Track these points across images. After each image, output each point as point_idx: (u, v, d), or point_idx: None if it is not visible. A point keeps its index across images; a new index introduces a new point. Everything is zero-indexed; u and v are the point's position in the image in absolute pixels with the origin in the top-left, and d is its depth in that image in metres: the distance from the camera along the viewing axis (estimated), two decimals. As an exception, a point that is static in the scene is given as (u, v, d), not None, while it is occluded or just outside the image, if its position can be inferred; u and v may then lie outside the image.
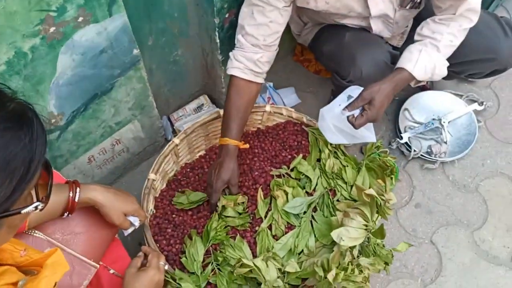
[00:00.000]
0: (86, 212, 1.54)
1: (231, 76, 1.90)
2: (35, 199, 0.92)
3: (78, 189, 1.43)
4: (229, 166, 1.91)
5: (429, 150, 2.47)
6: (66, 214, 1.44)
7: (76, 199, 1.42)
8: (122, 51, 1.67)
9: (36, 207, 0.91)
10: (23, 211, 0.89)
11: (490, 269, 2.29)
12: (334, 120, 1.87)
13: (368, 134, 1.90)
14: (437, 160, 2.46)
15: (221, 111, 2.10)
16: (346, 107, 1.80)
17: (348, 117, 1.80)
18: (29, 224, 1.34)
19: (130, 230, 1.65)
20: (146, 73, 1.87)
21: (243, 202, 1.97)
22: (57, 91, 1.55)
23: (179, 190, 2.09)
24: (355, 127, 1.80)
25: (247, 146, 2.01)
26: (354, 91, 1.86)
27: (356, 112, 1.81)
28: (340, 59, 2.07)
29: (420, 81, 1.91)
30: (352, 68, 1.99)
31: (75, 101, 1.69)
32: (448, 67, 2.17)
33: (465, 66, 2.17)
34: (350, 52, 2.01)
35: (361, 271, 1.67)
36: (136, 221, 1.63)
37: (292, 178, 2.05)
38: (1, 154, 0.80)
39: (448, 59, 2.07)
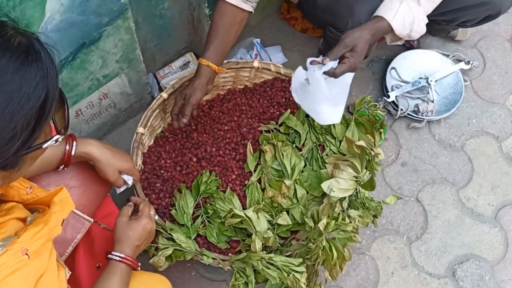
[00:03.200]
0: (81, 167, 1.53)
1: (218, 0, 1.84)
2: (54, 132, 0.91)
3: (74, 143, 1.42)
4: (195, 83, 1.84)
5: (416, 109, 2.47)
6: (61, 167, 1.43)
7: (73, 153, 1.41)
8: (111, -2, 1.64)
9: (56, 140, 0.91)
10: (45, 145, 0.88)
11: (474, 227, 2.32)
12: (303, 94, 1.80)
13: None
14: (423, 119, 2.46)
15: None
16: (328, 56, 1.70)
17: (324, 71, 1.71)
18: (24, 175, 1.33)
19: (122, 189, 1.65)
20: (133, 24, 1.84)
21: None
22: (46, 37, 1.52)
23: (167, 147, 2.08)
24: (336, 76, 1.72)
25: (224, 70, 1.97)
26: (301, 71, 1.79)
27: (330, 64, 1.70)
28: (336, 10, 2.02)
29: (395, 39, 1.87)
30: (350, 19, 1.94)
31: (64, 50, 1.66)
32: (440, 16, 2.14)
33: (458, 13, 2.14)
34: (348, 2, 1.96)
35: (350, 222, 1.68)
36: (129, 180, 1.62)
37: (281, 133, 2.04)
38: (15, 98, 0.77)
39: (441, 7, 2.04)
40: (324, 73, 1.70)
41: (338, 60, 1.72)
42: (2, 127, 0.77)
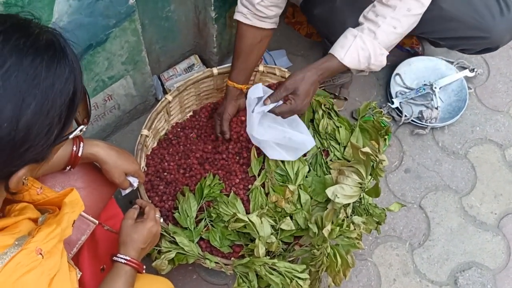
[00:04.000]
0: (87, 168, 1.53)
1: (237, 21, 1.87)
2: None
3: (81, 144, 1.42)
4: (225, 104, 2.01)
5: (419, 116, 2.47)
6: (68, 168, 1.43)
7: (80, 154, 1.41)
8: (118, 0, 1.64)
9: (81, 130, 0.95)
10: (71, 136, 0.91)
11: (477, 234, 2.31)
12: (257, 133, 1.81)
13: (306, 137, 1.88)
14: (427, 125, 2.46)
15: (214, 70, 2.09)
16: (269, 97, 1.73)
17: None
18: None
19: (128, 191, 1.65)
20: (140, 27, 1.84)
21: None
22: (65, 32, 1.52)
23: (170, 150, 2.08)
24: (277, 115, 1.76)
25: (249, 86, 1.98)
26: (254, 91, 1.80)
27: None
28: (330, 24, 2.02)
29: (359, 71, 1.82)
30: (342, 34, 1.94)
31: (70, 51, 1.66)
32: (440, 40, 2.16)
33: (457, 41, 2.14)
34: (342, 18, 1.94)
35: (355, 229, 1.68)
36: (135, 182, 1.63)
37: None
38: (49, 95, 0.81)
39: (440, 32, 2.05)
40: (270, 111, 1.74)
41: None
42: (40, 123, 0.80)
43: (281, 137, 1.84)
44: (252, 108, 1.77)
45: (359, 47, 1.70)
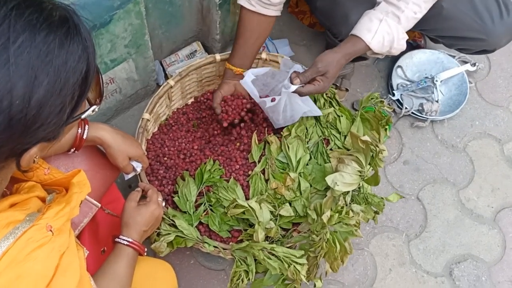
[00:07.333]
0: (91, 151, 1.53)
1: (241, 6, 1.86)
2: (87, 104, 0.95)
3: (86, 126, 1.41)
4: (223, 85, 2.01)
5: (420, 108, 2.48)
6: (72, 150, 1.42)
7: (84, 136, 1.41)
8: (123, -19, 1.64)
9: (93, 110, 0.94)
10: (83, 116, 0.91)
11: (473, 227, 2.33)
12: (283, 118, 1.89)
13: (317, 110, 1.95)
14: (427, 118, 2.47)
15: (216, 56, 2.09)
16: (298, 76, 1.72)
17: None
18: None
19: (130, 175, 1.65)
20: (144, 9, 1.83)
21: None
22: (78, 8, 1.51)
23: (170, 135, 2.08)
24: (301, 95, 1.76)
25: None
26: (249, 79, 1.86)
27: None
28: (332, 17, 2.02)
29: (376, 54, 1.79)
30: (344, 27, 1.93)
31: (73, 31, 1.65)
32: (439, 38, 2.17)
33: (455, 41, 2.15)
34: (343, 10, 1.94)
35: (353, 216, 1.68)
36: (138, 167, 1.63)
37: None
38: (62, 73, 0.79)
39: (439, 31, 2.05)
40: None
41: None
42: (53, 101, 0.78)
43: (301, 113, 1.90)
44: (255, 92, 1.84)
45: (385, 32, 1.69)
